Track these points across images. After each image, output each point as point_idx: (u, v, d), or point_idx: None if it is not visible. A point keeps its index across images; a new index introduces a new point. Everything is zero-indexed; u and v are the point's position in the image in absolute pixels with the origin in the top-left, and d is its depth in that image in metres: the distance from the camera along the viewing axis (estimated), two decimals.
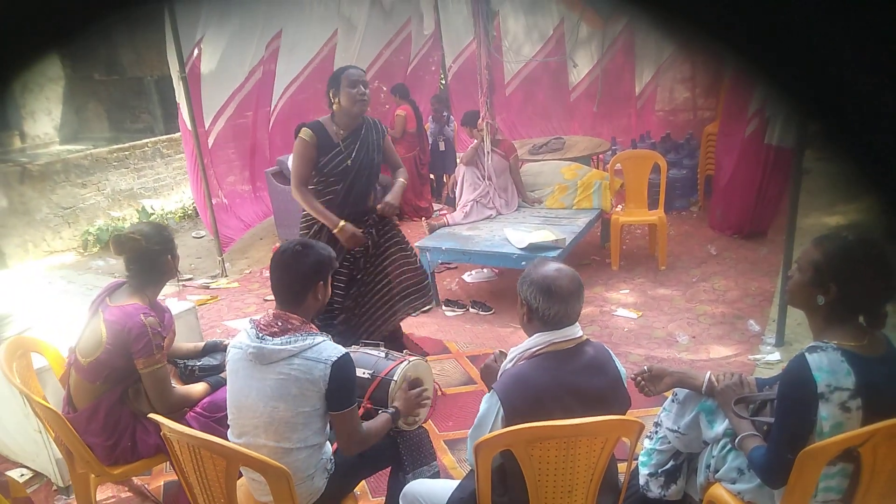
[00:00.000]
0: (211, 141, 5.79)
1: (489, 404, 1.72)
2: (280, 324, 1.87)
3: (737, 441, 1.78)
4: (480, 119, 4.86)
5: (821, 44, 0.53)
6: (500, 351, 1.99)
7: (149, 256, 2.26)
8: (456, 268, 5.24)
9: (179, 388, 2.34)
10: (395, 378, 2.23)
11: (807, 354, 1.61)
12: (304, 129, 3.16)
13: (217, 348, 2.61)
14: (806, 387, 1.57)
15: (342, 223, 3.13)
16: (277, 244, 3.84)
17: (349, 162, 3.12)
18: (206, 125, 5.69)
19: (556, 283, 1.71)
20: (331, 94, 3.12)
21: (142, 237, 2.25)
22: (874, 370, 1.58)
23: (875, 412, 1.55)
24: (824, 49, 0.54)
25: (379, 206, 3.18)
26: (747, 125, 5.08)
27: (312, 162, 3.17)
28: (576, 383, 1.69)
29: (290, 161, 6.12)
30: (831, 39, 0.53)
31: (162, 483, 2.80)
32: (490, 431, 1.70)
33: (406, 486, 2.02)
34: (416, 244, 4.69)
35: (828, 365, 1.57)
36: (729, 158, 5.32)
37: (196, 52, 5.38)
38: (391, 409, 2.10)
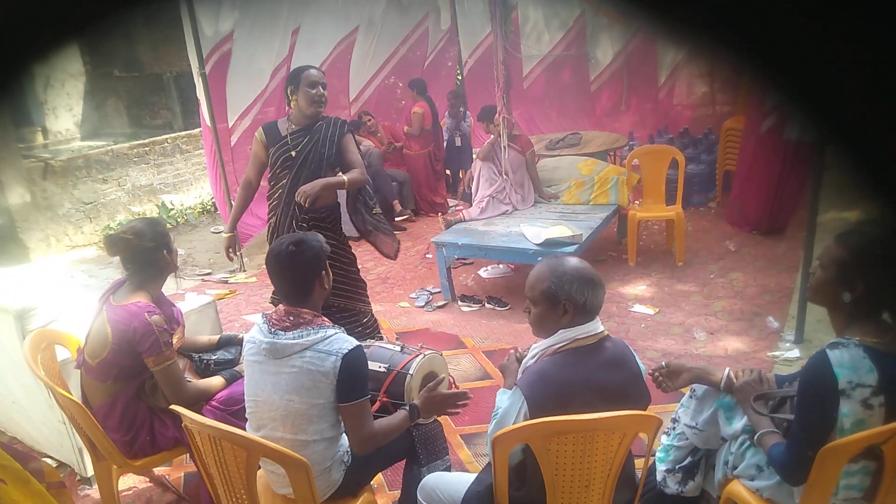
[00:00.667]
0: (234, 139, 5.86)
1: (512, 400, 1.72)
2: (292, 318, 1.88)
3: (756, 438, 1.77)
4: (497, 114, 4.85)
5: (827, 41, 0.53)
6: (516, 349, 1.98)
7: (142, 254, 2.24)
8: (472, 263, 5.25)
9: (194, 382, 2.35)
10: (410, 371, 2.24)
11: (828, 351, 1.59)
12: (258, 128, 3.20)
13: (232, 342, 2.62)
14: (827, 383, 1.56)
15: (226, 234, 3.32)
16: None
17: (293, 153, 3.07)
18: (231, 122, 5.76)
19: (589, 271, 1.76)
20: (289, 92, 3.07)
21: (133, 235, 2.23)
22: None
23: None
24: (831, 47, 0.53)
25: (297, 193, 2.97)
26: (765, 119, 5.02)
27: (259, 160, 3.20)
28: (598, 379, 1.70)
29: None
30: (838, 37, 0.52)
31: (182, 474, 2.84)
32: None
33: (423, 479, 2.03)
34: (433, 239, 4.71)
35: (849, 361, 1.56)
36: (749, 153, 5.27)
37: (224, 48, 5.44)
38: (406, 407, 2.03)
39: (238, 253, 3.52)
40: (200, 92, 5.22)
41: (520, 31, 7.49)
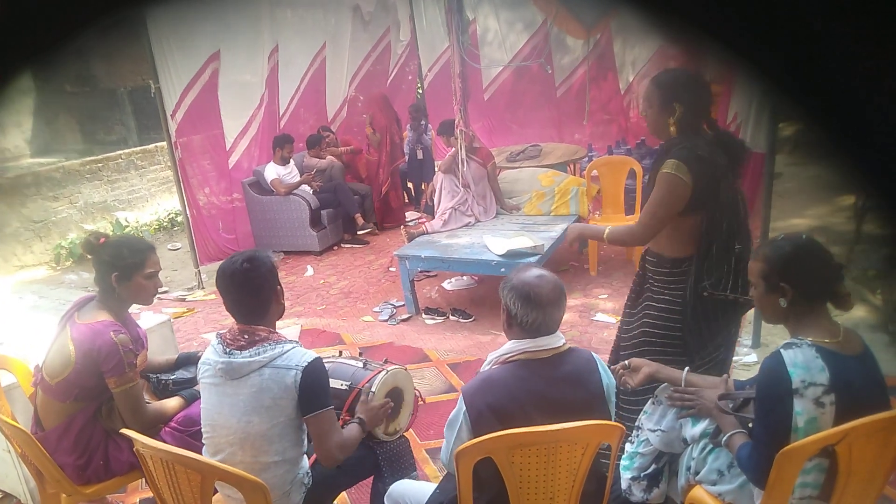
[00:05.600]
0: (233, 161, 6.03)
1: (458, 405, 1.72)
2: (247, 336, 1.82)
3: (724, 439, 1.79)
4: (455, 127, 4.87)
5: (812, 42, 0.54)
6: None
7: (99, 270, 2.17)
8: (436, 275, 5.23)
9: (153, 403, 2.28)
10: (373, 389, 2.20)
11: (782, 351, 1.63)
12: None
13: (190, 360, 2.54)
14: (781, 382, 1.59)
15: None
16: None
17: None
18: (228, 145, 5.98)
19: (535, 289, 1.70)
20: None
21: (108, 247, 2.17)
22: (849, 367, 1.60)
23: (847, 409, 1.57)
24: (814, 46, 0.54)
25: None
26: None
27: None
28: (545, 394, 1.67)
29: (266, 172, 6.14)
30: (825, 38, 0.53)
31: (137, 500, 2.74)
32: (458, 432, 1.70)
33: (391, 487, 2.01)
34: (396, 252, 4.68)
35: (802, 361, 1.59)
36: None
37: (209, 70, 5.51)
38: (356, 420, 2.02)
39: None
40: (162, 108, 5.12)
41: (479, 43, 7.55)
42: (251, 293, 1.85)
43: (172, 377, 2.45)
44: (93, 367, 2.09)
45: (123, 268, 2.16)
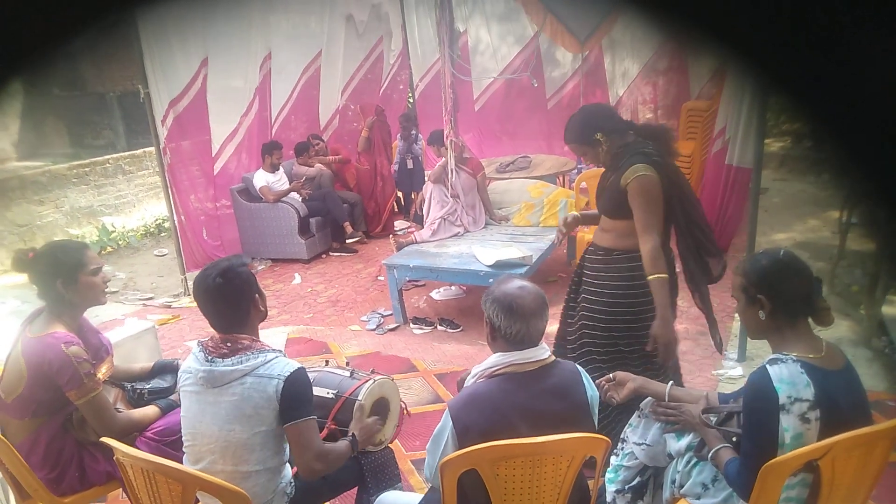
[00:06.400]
0: (218, 167, 6.00)
1: (444, 420, 1.70)
2: (229, 345, 1.80)
3: (711, 454, 1.80)
4: (445, 137, 4.89)
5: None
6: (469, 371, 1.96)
7: (38, 281, 2.09)
8: (424, 285, 5.22)
9: (125, 412, 2.20)
10: (360, 398, 2.18)
11: (768, 366, 1.64)
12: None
13: (167, 369, 2.47)
14: (768, 398, 1.60)
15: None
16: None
17: None
18: (214, 150, 5.94)
19: (517, 301, 1.69)
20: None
21: (34, 255, 2.09)
22: (832, 382, 1.61)
23: (831, 424, 1.58)
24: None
25: None
26: (711, 144, 5.21)
27: None
28: (532, 407, 1.67)
29: (255, 179, 6.13)
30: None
31: None
32: (443, 447, 1.68)
33: (377, 499, 1.99)
34: (385, 261, 4.67)
35: (788, 376, 1.60)
36: (694, 177, 5.45)
37: (200, 76, 5.50)
38: (349, 437, 2.00)
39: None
40: (156, 115, 5.09)
41: (470, 54, 7.59)
42: (229, 306, 1.82)
43: (148, 386, 2.39)
44: (45, 382, 2.01)
45: (65, 271, 2.09)
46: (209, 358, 1.79)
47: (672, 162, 2.45)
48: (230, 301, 1.81)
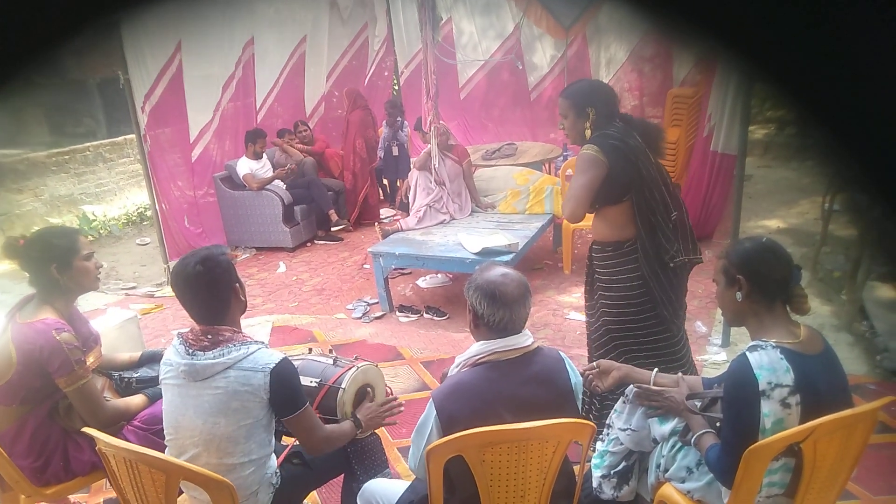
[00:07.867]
0: (196, 154, 5.91)
1: (427, 410, 1.70)
2: (210, 337, 1.77)
3: (693, 439, 1.81)
4: (426, 124, 4.86)
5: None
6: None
7: (31, 267, 2.08)
8: (410, 273, 5.21)
9: (114, 401, 2.21)
10: (343, 386, 2.17)
11: (748, 353, 1.65)
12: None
13: (154, 358, 2.46)
14: (748, 385, 1.61)
15: None
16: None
17: None
18: (192, 137, 5.84)
19: (500, 288, 1.69)
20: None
21: (25, 243, 2.08)
22: (812, 367, 1.63)
23: (812, 408, 1.60)
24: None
25: None
26: (696, 132, 5.22)
27: None
28: (516, 394, 1.67)
29: (239, 167, 6.06)
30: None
31: (101, 501, 2.67)
32: (428, 437, 1.68)
33: (364, 486, 1.99)
34: (370, 249, 4.65)
35: (768, 363, 1.62)
36: (679, 164, 5.47)
37: (175, 61, 5.40)
38: (353, 419, 2.03)
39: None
40: (133, 101, 5.01)
41: (454, 44, 7.54)
42: (209, 296, 1.79)
43: (136, 375, 2.39)
44: (36, 368, 2.00)
45: (60, 256, 2.09)
46: (190, 351, 1.76)
47: (653, 158, 2.43)
48: (211, 289, 1.78)
